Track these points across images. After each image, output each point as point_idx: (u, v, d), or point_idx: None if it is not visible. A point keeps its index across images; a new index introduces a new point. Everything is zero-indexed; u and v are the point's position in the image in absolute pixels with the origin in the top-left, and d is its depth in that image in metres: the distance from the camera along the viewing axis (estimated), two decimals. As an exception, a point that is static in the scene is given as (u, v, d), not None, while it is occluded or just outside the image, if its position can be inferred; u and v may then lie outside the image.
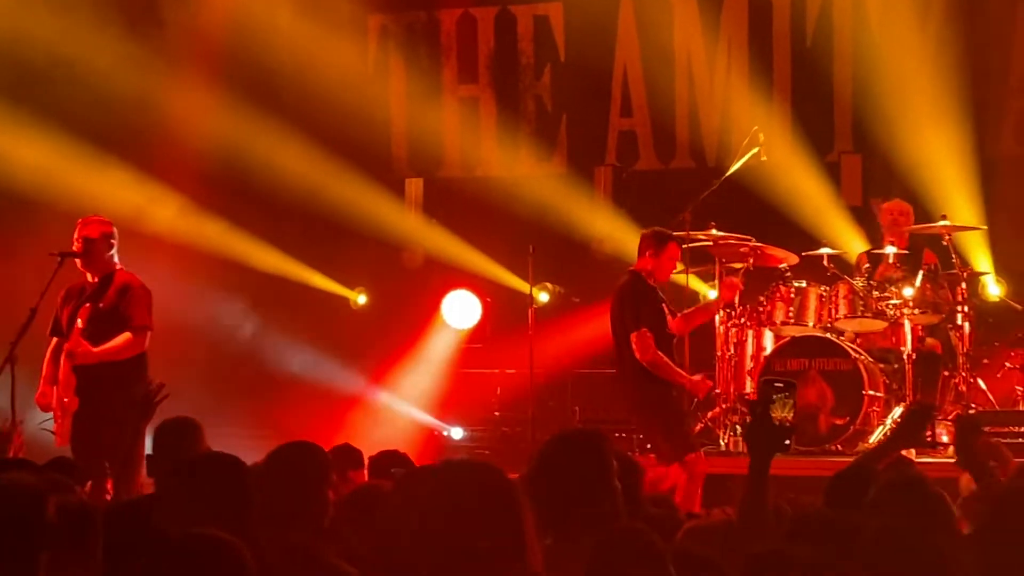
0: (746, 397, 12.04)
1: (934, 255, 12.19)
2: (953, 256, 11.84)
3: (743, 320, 12.24)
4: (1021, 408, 11.85)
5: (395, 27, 15.48)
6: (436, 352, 14.39)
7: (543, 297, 14.29)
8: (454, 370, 14.37)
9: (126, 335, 9.92)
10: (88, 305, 9.89)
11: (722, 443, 11.87)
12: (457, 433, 13.85)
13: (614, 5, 14.81)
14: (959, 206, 12.67)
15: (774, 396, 4.59)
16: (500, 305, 14.28)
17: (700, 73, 14.63)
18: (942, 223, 11.90)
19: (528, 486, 4.92)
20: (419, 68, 15.42)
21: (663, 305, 10.70)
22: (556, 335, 13.99)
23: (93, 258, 10.06)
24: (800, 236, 12.88)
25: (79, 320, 9.84)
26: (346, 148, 14.62)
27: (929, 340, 12.06)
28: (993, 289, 12.42)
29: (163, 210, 14.11)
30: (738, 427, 11.81)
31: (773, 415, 4.58)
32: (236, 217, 14.25)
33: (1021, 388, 11.97)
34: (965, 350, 11.80)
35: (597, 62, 14.88)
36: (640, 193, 14.41)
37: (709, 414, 12.19)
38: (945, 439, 10.99)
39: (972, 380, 11.90)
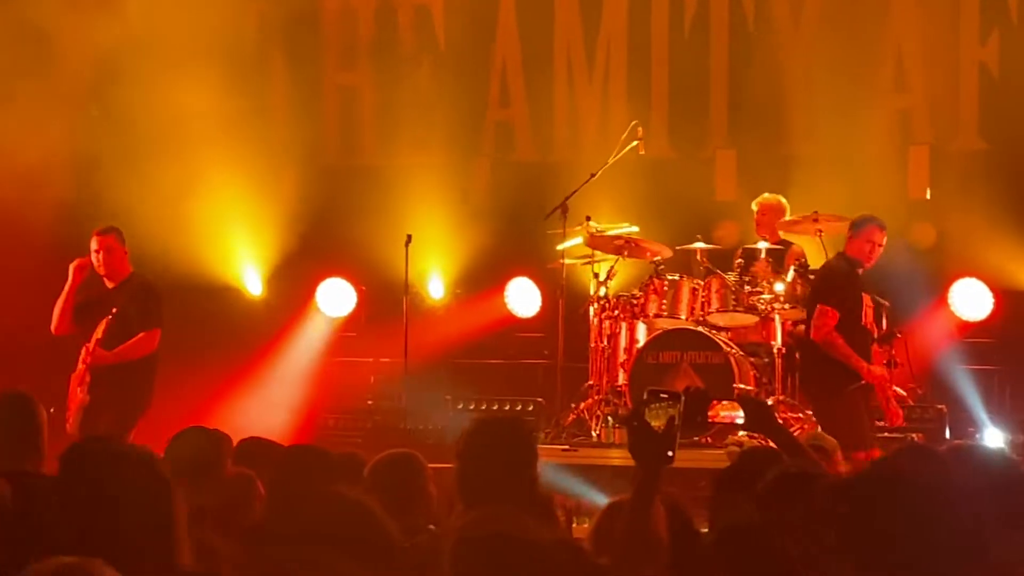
0: (619, 389, 12.13)
1: (802, 250, 12.35)
2: (824, 252, 11.99)
3: (616, 312, 12.33)
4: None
5: (275, 13, 15.36)
6: (310, 340, 14.32)
7: (437, 290, 14.35)
8: (328, 358, 14.31)
9: (138, 336, 10.91)
10: (109, 317, 10.77)
11: (594, 434, 11.94)
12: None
13: (495, -4, 14.85)
14: (832, 202, 12.81)
15: (652, 406, 4.52)
16: (375, 294, 14.25)
17: (579, 66, 14.70)
18: (813, 220, 12.05)
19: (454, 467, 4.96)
20: (299, 55, 15.33)
21: (864, 296, 10.77)
22: (431, 324, 14.00)
23: (113, 265, 11.02)
24: (675, 230, 12.96)
25: (100, 330, 10.77)
26: (224, 134, 14.49)
27: (801, 327, 12.19)
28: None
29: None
30: (610, 418, 11.90)
31: (655, 424, 4.54)
32: (118, 200, 14.05)
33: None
34: (833, 345, 11.94)
35: (476, 53, 14.90)
36: (517, 184, 14.43)
37: (582, 405, 12.25)
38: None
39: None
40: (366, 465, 6.01)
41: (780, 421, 5.81)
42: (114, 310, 10.81)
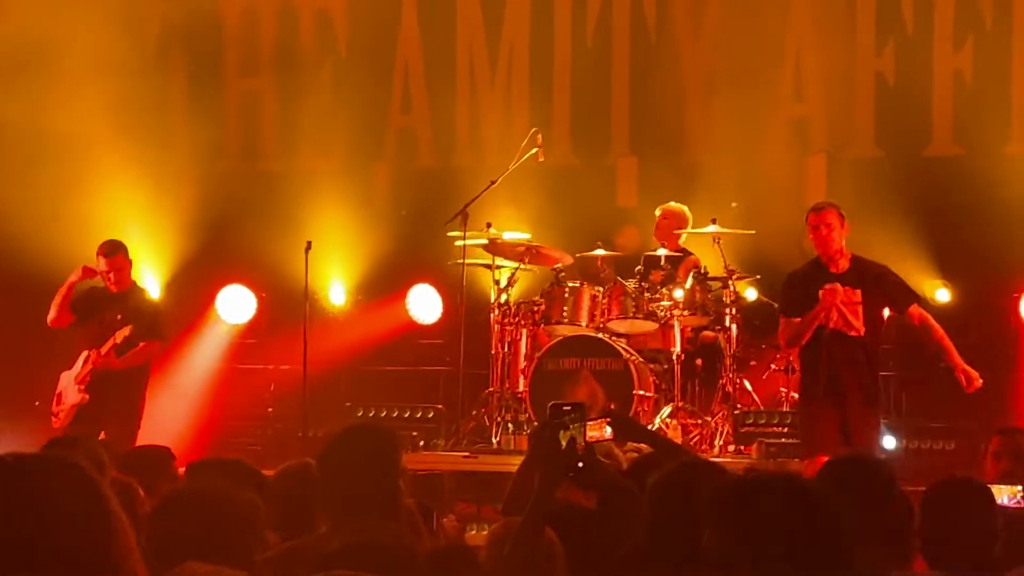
0: (519, 396, 12.15)
1: (698, 259, 12.44)
2: (723, 259, 12.08)
3: (517, 319, 12.35)
4: (785, 409, 12.08)
5: (176, 18, 15.25)
6: (209, 346, 14.21)
7: (338, 296, 14.31)
8: (227, 365, 14.21)
9: (141, 346, 11.56)
10: (129, 328, 11.38)
11: (494, 441, 11.94)
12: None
13: (396, 1, 14.82)
14: (732, 210, 12.92)
15: (567, 421, 4.57)
16: (275, 300, 14.17)
17: (481, 72, 14.72)
18: (712, 227, 12.15)
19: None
20: (200, 60, 15.24)
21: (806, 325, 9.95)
22: (332, 331, 13.94)
23: (124, 281, 11.68)
24: (576, 237, 13.01)
25: (117, 338, 11.38)
26: (124, 139, 14.36)
27: (706, 332, 12.29)
28: (750, 293, 12.69)
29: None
30: (510, 425, 11.91)
31: (562, 439, 4.57)
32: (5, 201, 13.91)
33: (785, 389, 12.24)
34: (732, 351, 12.05)
35: (378, 59, 14.88)
36: (419, 190, 14.43)
37: (483, 411, 12.26)
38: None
39: (739, 381, 12.16)
40: (255, 471, 5.97)
41: (646, 427, 5.88)
42: (119, 316, 11.49)
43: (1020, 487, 6.94)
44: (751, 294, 12.63)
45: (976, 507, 5.26)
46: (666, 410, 11.81)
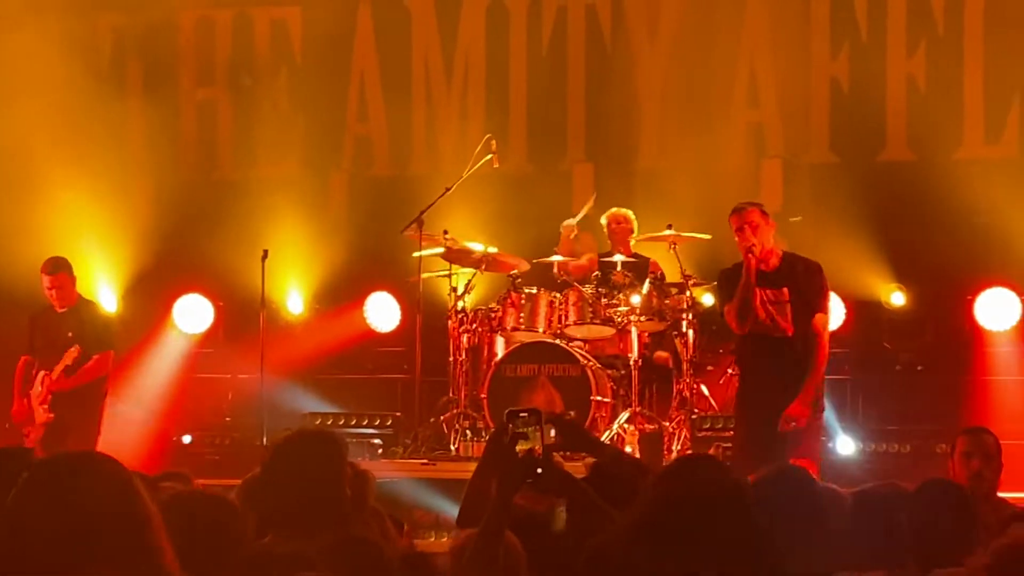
0: (477, 402, 12.14)
1: (658, 264, 12.48)
2: (679, 264, 12.12)
3: (475, 326, 12.35)
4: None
5: (131, 27, 15.21)
6: (166, 356, 14.17)
7: (295, 305, 14.28)
8: (185, 375, 14.17)
9: (93, 359, 11.67)
10: (76, 350, 11.49)
11: (452, 448, 11.95)
12: (187, 438, 13.66)
13: (352, 10, 14.81)
14: (687, 215, 12.94)
15: (523, 428, 4.57)
16: (232, 309, 14.13)
17: (437, 80, 14.72)
18: (668, 232, 12.18)
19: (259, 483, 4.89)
20: (155, 69, 15.19)
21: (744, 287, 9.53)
22: (290, 339, 13.92)
23: (66, 298, 11.74)
24: (533, 243, 13.03)
25: (67, 359, 11.49)
26: (79, 150, 14.30)
27: (659, 353, 12.30)
28: (707, 298, 12.72)
29: None
30: (468, 432, 11.92)
31: (519, 447, 4.58)
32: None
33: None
34: (689, 357, 12.08)
35: (334, 66, 14.87)
36: (375, 198, 14.43)
37: (441, 419, 12.25)
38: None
39: (696, 386, 12.19)
40: (191, 481, 5.95)
41: (594, 435, 5.85)
42: (69, 334, 11.60)
43: None
44: (708, 299, 12.66)
45: (959, 509, 5.31)
46: (624, 415, 11.83)
